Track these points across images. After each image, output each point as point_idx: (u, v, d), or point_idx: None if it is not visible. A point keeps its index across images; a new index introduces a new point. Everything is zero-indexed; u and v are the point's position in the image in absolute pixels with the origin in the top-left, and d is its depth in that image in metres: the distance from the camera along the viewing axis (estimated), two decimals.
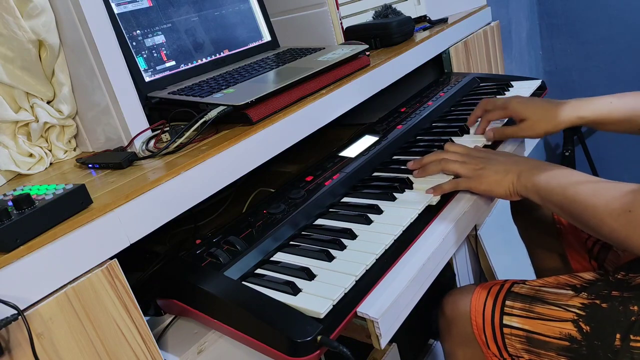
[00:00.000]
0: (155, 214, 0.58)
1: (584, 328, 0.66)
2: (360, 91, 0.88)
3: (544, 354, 0.69)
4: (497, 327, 0.73)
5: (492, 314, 0.73)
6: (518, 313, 0.71)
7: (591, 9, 2.12)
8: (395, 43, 1.09)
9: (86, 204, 0.54)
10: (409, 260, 0.62)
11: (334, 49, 0.92)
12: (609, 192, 0.62)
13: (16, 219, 0.48)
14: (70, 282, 0.50)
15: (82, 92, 0.71)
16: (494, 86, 1.14)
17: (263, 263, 0.65)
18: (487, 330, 0.73)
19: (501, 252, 1.45)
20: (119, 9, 0.79)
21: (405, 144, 0.94)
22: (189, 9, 0.89)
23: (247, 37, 0.98)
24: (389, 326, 0.56)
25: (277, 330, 0.51)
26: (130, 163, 0.65)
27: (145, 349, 0.56)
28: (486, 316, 0.74)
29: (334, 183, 0.78)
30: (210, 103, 0.71)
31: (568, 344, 0.67)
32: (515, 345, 0.71)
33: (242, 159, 0.67)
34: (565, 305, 0.69)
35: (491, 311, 0.74)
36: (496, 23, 1.41)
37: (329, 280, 0.58)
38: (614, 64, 2.15)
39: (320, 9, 1.04)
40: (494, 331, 0.73)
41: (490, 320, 0.73)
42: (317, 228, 0.71)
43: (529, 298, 0.72)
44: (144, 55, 0.81)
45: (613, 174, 2.26)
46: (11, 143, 0.70)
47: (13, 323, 0.45)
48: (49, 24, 0.66)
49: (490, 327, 0.73)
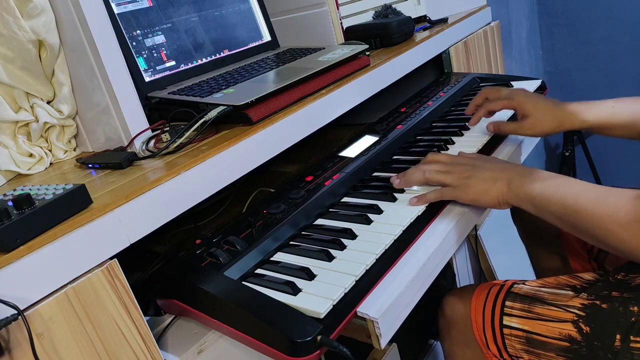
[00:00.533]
0: (155, 214, 0.58)
1: (584, 329, 0.66)
2: (360, 91, 0.88)
3: (544, 354, 0.69)
4: (497, 327, 0.73)
5: (492, 315, 0.73)
6: (518, 313, 0.71)
7: (591, 9, 2.12)
8: (395, 43, 1.09)
9: (86, 204, 0.54)
10: (409, 260, 0.62)
11: (334, 49, 0.92)
12: (613, 199, 0.59)
13: (16, 219, 0.48)
14: (70, 282, 0.50)
15: (82, 92, 0.71)
16: (494, 86, 1.14)
17: (263, 263, 0.65)
18: (487, 330, 0.73)
19: (501, 252, 1.45)
20: (119, 9, 0.79)
21: (405, 144, 0.94)
22: (189, 9, 0.89)
23: (247, 37, 0.98)
24: (389, 326, 0.56)
25: (277, 330, 0.51)
26: (130, 163, 0.65)
27: (145, 349, 0.56)
28: (486, 316, 0.74)
29: (334, 183, 0.78)
30: (210, 103, 0.71)
31: (568, 345, 0.67)
32: (515, 345, 0.71)
33: (242, 159, 0.67)
34: (565, 305, 0.69)
35: (491, 311, 0.74)
36: (496, 23, 1.41)
37: (329, 280, 0.58)
38: (614, 64, 2.15)
39: (320, 9, 1.04)
40: (494, 331, 0.73)
41: (490, 321, 0.73)
42: (317, 228, 0.71)
43: (529, 298, 0.72)
44: (144, 55, 0.81)
45: (613, 173, 2.26)
46: (11, 143, 0.70)
47: (13, 323, 0.45)
48: (49, 24, 0.66)
49: (490, 328, 0.73)
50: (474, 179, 0.70)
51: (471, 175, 0.70)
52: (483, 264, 1.44)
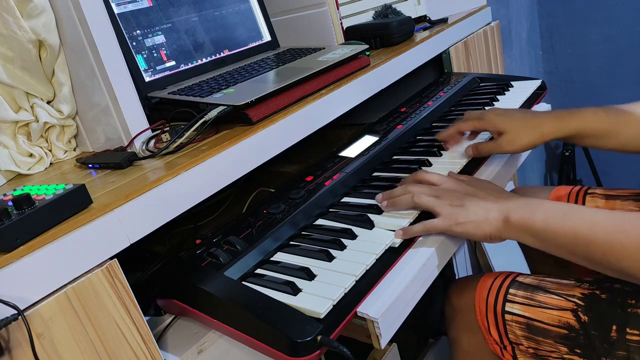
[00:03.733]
0: (155, 214, 0.58)
1: (582, 317, 0.66)
2: (360, 91, 0.88)
3: (543, 341, 0.69)
4: (499, 313, 0.73)
5: (495, 301, 0.73)
6: (520, 300, 0.72)
7: (591, 9, 2.12)
8: (395, 43, 1.09)
9: (86, 204, 0.54)
10: (409, 260, 0.62)
11: (334, 49, 0.92)
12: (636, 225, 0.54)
13: (16, 219, 0.48)
14: (70, 282, 0.50)
15: (82, 92, 0.71)
16: (494, 86, 1.14)
17: (263, 263, 0.65)
18: (490, 316, 0.74)
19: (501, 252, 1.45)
20: (119, 9, 0.79)
21: (405, 144, 0.94)
22: (189, 9, 0.89)
23: (247, 37, 0.98)
24: (389, 326, 0.56)
25: (277, 330, 0.51)
26: (130, 163, 0.65)
27: (145, 349, 0.56)
28: (489, 303, 0.74)
29: (334, 183, 0.78)
30: (210, 103, 0.71)
31: (566, 332, 0.67)
32: (515, 332, 0.71)
33: (242, 159, 0.67)
34: (566, 294, 0.69)
35: (494, 298, 0.74)
36: (496, 23, 1.41)
37: (329, 280, 0.58)
38: (614, 64, 2.15)
39: (320, 9, 1.04)
40: (496, 317, 0.73)
41: (492, 307, 0.73)
42: (317, 228, 0.71)
43: (532, 287, 0.72)
44: (144, 55, 0.81)
45: (613, 173, 2.26)
46: (11, 143, 0.70)
47: (13, 323, 0.45)
48: (49, 24, 0.66)
49: (493, 314, 0.73)
50: (464, 209, 0.64)
51: (462, 204, 0.65)
52: (483, 264, 1.44)
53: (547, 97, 1.10)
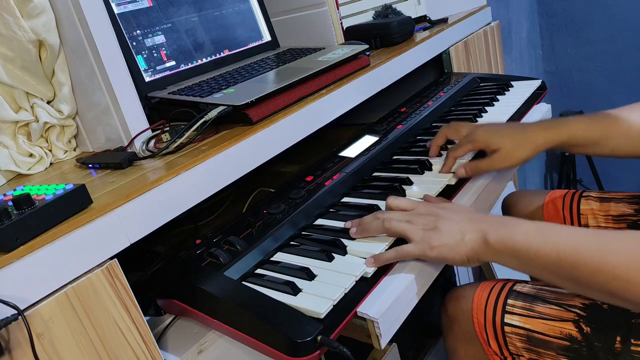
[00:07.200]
0: (155, 214, 0.58)
1: (585, 329, 0.66)
2: (360, 91, 0.88)
3: (544, 353, 0.69)
4: (498, 325, 0.72)
5: (493, 312, 0.73)
6: (519, 312, 0.71)
7: (591, 8, 2.12)
8: (395, 43, 1.09)
9: (86, 204, 0.54)
10: (409, 260, 0.62)
11: (334, 49, 0.92)
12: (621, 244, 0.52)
13: (16, 219, 0.48)
14: (70, 282, 0.50)
15: (82, 92, 0.71)
16: (494, 86, 1.14)
17: (263, 263, 0.65)
18: (489, 328, 0.73)
19: None
20: (119, 9, 0.79)
21: (406, 144, 0.94)
22: (189, 9, 0.89)
23: (247, 37, 0.98)
24: (389, 326, 0.56)
25: (277, 330, 0.51)
26: (130, 163, 0.65)
27: (145, 349, 0.56)
28: (487, 314, 0.74)
29: (334, 183, 0.78)
30: (210, 103, 0.71)
31: (568, 344, 0.67)
32: (515, 343, 0.71)
33: (242, 159, 0.67)
34: (566, 304, 0.69)
35: (493, 309, 0.74)
36: (496, 23, 1.41)
37: (329, 280, 0.58)
38: (614, 64, 2.15)
39: (320, 9, 1.04)
40: (495, 329, 0.73)
41: (491, 319, 0.73)
42: (317, 228, 0.71)
43: (531, 297, 0.72)
44: (144, 55, 0.81)
45: (613, 173, 2.26)
46: (11, 143, 0.70)
47: (13, 323, 0.45)
48: (49, 24, 0.66)
49: (492, 325, 0.73)
50: (438, 232, 0.61)
51: (436, 227, 0.62)
52: (483, 264, 1.44)
53: (547, 97, 1.10)
